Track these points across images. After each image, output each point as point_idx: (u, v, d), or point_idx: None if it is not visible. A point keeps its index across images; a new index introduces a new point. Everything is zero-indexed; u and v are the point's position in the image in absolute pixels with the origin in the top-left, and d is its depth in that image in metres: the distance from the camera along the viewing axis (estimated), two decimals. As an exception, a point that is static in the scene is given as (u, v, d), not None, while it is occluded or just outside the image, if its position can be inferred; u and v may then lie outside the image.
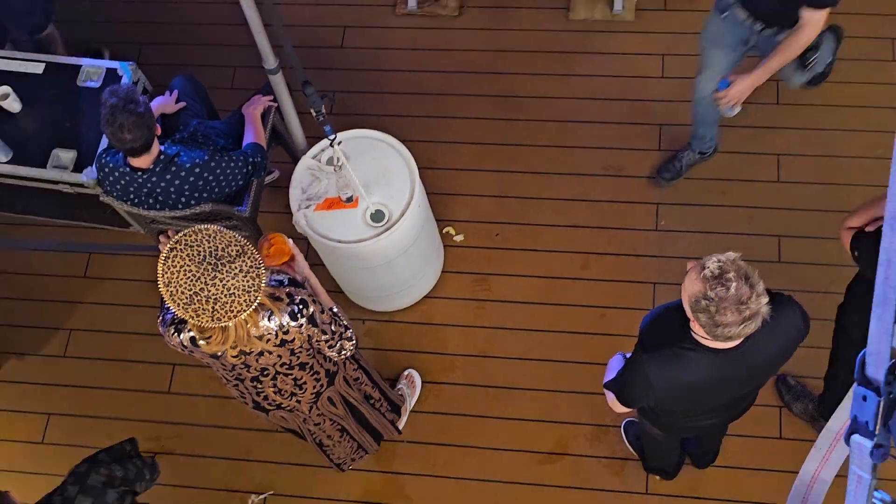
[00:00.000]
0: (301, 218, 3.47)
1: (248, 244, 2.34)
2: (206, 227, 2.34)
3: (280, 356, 2.63)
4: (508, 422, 3.81)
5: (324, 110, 3.21)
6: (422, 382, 3.88)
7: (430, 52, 4.59)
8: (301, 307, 2.56)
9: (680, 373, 2.41)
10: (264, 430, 3.75)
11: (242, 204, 3.62)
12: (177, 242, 2.29)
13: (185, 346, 2.58)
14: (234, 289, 2.29)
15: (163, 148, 3.27)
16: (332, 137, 3.30)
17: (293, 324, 2.55)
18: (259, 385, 2.79)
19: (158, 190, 3.31)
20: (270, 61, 3.42)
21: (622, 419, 3.69)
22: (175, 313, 2.47)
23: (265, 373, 2.72)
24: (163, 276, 2.28)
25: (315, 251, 3.65)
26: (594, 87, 4.38)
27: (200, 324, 2.34)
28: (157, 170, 3.26)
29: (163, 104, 3.68)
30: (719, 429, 3.31)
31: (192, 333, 2.53)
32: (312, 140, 3.69)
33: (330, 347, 2.73)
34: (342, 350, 2.76)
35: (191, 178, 3.29)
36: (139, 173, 3.27)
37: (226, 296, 2.28)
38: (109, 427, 3.93)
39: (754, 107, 3.83)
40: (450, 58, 4.57)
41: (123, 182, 3.32)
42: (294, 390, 2.86)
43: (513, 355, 3.92)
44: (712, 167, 4.11)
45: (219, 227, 2.35)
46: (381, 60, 4.60)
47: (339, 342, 2.74)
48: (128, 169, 3.28)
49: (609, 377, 2.68)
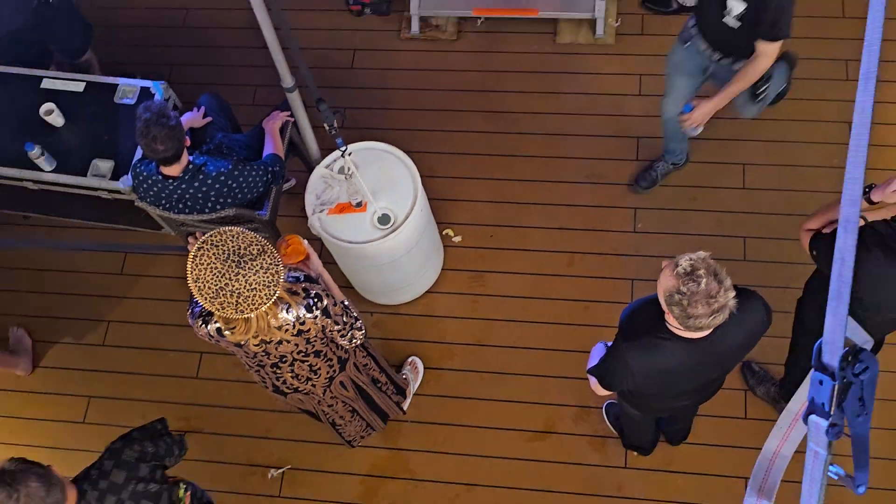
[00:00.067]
0: (315, 221, 3.46)
1: (268, 244, 2.34)
2: (230, 228, 2.33)
3: (297, 345, 2.63)
4: (501, 403, 3.80)
5: (336, 124, 3.21)
6: (424, 368, 3.88)
7: (431, 72, 4.59)
8: (316, 300, 2.56)
9: (656, 360, 2.41)
10: (282, 411, 3.75)
11: (263, 208, 3.62)
12: (204, 242, 2.29)
13: (211, 336, 2.58)
14: (256, 284, 2.29)
15: (191, 158, 3.27)
16: (343, 149, 3.29)
17: (309, 315, 2.55)
18: (278, 370, 2.79)
19: (187, 196, 3.30)
20: (288, 81, 3.42)
21: (604, 401, 3.69)
22: (203, 306, 2.47)
23: (283, 359, 2.71)
24: (191, 273, 2.28)
25: (328, 251, 3.65)
26: (578, 104, 4.38)
27: (225, 316, 2.34)
28: (187, 178, 3.26)
29: (191, 119, 3.67)
30: (691, 410, 3.31)
31: (218, 324, 2.53)
32: (325, 151, 3.68)
33: (342, 336, 2.73)
34: (353, 339, 2.76)
35: (216, 186, 3.29)
36: (170, 181, 3.27)
37: (248, 290, 2.28)
38: (143, 408, 3.92)
39: (722, 121, 3.83)
40: (449, 77, 4.56)
41: (156, 189, 3.32)
42: (310, 375, 2.86)
43: (505, 344, 3.91)
44: (684, 176, 4.11)
45: (241, 228, 2.35)
46: (387, 80, 4.60)
47: (350, 332, 2.73)
48: (160, 177, 3.27)
49: (592, 363, 2.68)
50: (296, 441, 3.84)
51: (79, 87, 3.89)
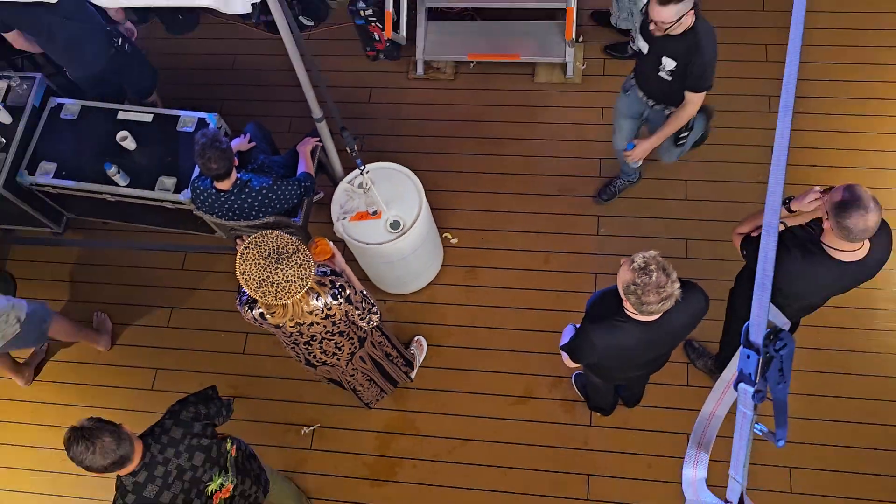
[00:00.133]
0: (339, 226, 3.46)
1: (301, 245, 2.34)
2: (270, 231, 2.34)
3: (325, 326, 2.63)
4: (490, 374, 3.80)
5: (356, 148, 3.22)
6: (427, 345, 3.87)
7: (433, 105, 4.58)
8: (340, 290, 2.56)
9: (616, 339, 2.41)
10: (313, 380, 3.74)
11: (297, 216, 3.62)
12: (249, 243, 2.29)
13: (256, 319, 2.58)
14: (292, 276, 2.29)
15: (239, 175, 3.26)
16: (362, 168, 3.30)
17: (335, 302, 2.55)
18: (309, 347, 2.79)
19: (236, 206, 3.30)
20: (317, 112, 3.42)
21: (573, 372, 3.69)
22: (248, 295, 2.47)
23: (314, 338, 2.71)
24: (239, 268, 2.28)
25: (349, 250, 3.64)
26: (552, 131, 4.37)
27: (267, 302, 2.34)
28: (235, 191, 3.25)
29: (239, 143, 3.67)
30: (644, 379, 3.31)
31: (261, 310, 2.53)
32: (348, 170, 3.68)
33: (361, 319, 2.73)
34: (370, 321, 2.76)
35: (259, 198, 3.29)
36: (222, 193, 3.27)
37: (285, 282, 2.28)
38: (200, 378, 3.92)
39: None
40: (448, 110, 4.55)
41: (210, 200, 3.32)
42: (335, 351, 2.86)
43: (494, 325, 3.90)
44: (638, 189, 4.10)
45: (279, 232, 2.35)
46: (398, 112, 4.59)
47: (368, 315, 2.73)
48: (214, 190, 3.27)
49: (564, 341, 2.68)
50: (323, 404, 3.83)
51: (147, 117, 3.89)
